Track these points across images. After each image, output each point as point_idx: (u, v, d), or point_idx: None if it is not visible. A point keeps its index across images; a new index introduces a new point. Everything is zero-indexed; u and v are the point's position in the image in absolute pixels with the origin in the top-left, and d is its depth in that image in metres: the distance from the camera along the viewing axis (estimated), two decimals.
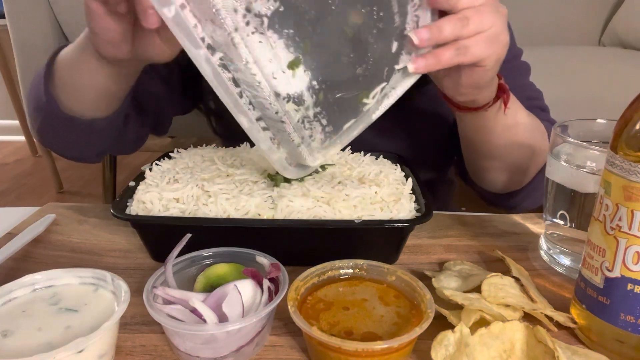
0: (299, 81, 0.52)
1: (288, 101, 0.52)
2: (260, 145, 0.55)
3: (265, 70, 0.50)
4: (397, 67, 0.54)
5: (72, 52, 0.64)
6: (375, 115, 0.57)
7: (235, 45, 0.48)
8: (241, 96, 0.51)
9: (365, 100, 0.55)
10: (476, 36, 0.51)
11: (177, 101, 0.84)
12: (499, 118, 0.65)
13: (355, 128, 0.58)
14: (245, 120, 0.53)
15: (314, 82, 0.52)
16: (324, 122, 0.56)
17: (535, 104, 0.77)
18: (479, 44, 0.51)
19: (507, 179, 0.74)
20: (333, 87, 0.53)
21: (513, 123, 0.67)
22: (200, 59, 0.48)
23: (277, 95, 0.51)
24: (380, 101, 0.56)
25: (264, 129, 0.54)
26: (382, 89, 0.55)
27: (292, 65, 0.50)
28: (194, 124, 0.90)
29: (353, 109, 0.56)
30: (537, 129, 0.71)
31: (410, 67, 0.52)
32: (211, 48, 0.48)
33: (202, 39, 0.47)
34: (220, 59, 0.49)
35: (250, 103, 0.52)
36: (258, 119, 0.53)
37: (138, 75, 0.65)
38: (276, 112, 0.52)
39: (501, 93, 0.62)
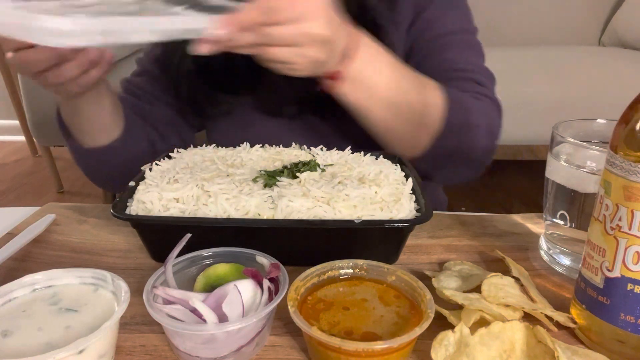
0: None
1: None
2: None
3: None
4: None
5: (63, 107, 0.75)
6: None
7: None
8: None
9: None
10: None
11: (189, 120, 0.91)
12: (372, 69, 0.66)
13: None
14: None
15: None
16: None
17: (468, 76, 0.77)
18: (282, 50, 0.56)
19: (401, 138, 0.73)
20: None
21: (395, 73, 0.68)
22: None
23: None
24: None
25: None
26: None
27: None
28: None
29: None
30: (425, 85, 0.71)
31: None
32: None
33: None
34: None
35: None
36: None
37: (110, 99, 0.75)
38: None
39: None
